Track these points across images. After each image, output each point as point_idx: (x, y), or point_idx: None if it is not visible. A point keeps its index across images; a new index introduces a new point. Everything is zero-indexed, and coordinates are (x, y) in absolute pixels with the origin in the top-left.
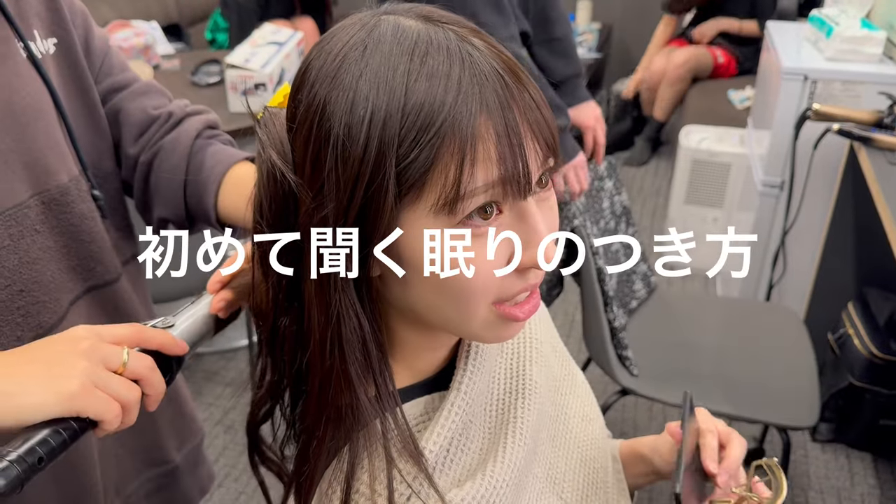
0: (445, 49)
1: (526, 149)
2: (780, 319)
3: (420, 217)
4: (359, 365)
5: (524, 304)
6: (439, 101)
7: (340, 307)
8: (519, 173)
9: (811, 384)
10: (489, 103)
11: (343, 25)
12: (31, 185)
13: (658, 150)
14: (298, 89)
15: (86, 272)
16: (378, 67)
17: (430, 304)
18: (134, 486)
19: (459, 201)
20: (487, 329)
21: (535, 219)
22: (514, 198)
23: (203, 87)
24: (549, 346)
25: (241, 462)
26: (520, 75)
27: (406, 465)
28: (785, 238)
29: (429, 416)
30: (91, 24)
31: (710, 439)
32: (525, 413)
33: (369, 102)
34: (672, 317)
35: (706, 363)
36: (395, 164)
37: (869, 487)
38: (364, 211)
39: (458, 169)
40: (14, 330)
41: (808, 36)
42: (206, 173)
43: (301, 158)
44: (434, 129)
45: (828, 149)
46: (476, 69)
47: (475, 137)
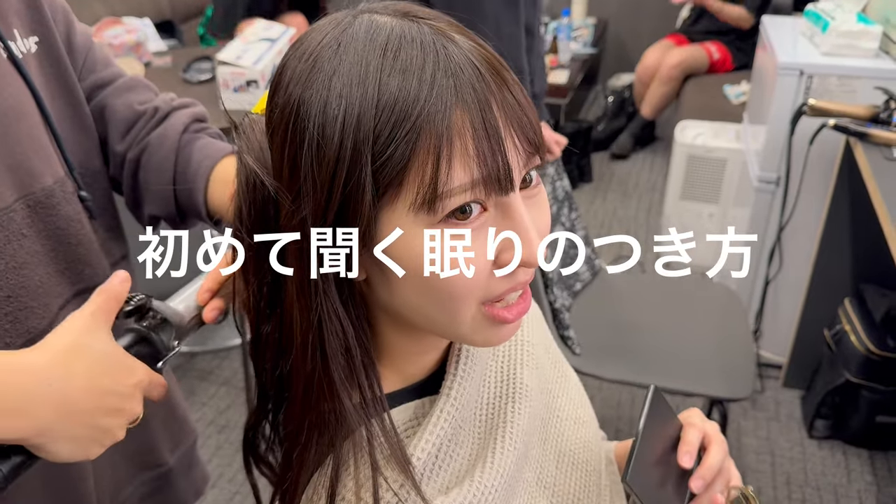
0: (419, 43)
1: (506, 145)
2: (716, 294)
3: (399, 217)
4: (342, 370)
5: (513, 307)
6: (413, 96)
7: (322, 311)
8: (499, 170)
9: (747, 357)
10: (465, 97)
11: (318, 25)
12: (15, 188)
13: (646, 146)
14: (275, 91)
15: (74, 275)
16: (350, 65)
17: (415, 306)
18: (128, 491)
19: (438, 200)
20: (476, 332)
21: (521, 215)
22: (497, 194)
23: (194, 84)
24: (542, 348)
25: (235, 462)
26: (501, 72)
27: (393, 473)
28: (781, 234)
29: (418, 421)
30: (72, 21)
31: (692, 434)
32: (516, 417)
33: (342, 100)
34: (614, 297)
35: (646, 340)
36: (370, 162)
37: (866, 484)
38: (342, 212)
39: (435, 165)
40: (2, 336)
41: (804, 31)
42: (195, 168)
43: (278, 161)
44: (409, 125)
45: (824, 144)
46: (451, 62)
47: (451, 131)
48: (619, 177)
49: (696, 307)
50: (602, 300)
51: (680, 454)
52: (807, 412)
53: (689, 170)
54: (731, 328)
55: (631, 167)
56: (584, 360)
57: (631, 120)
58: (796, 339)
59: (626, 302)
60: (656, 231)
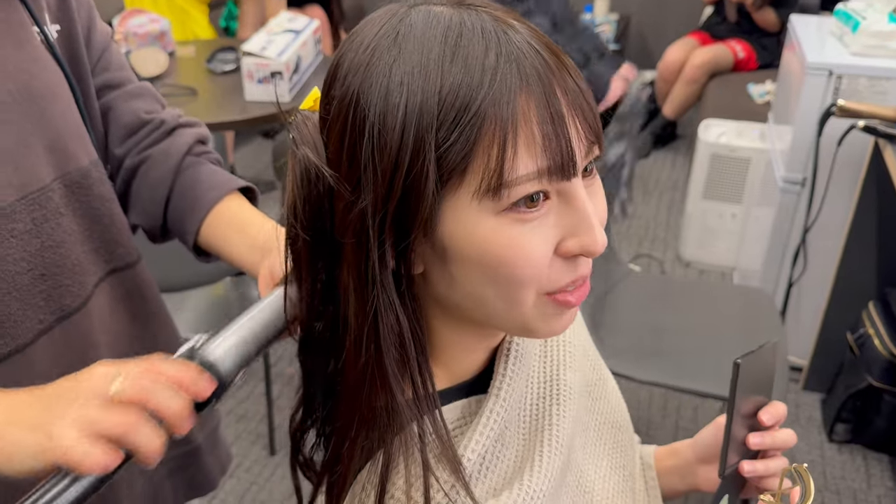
0: (480, 30)
1: (570, 130)
2: (751, 299)
3: (464, 206)
4: (396, 363)
5: (575, 291)
6: (476, 82)
7: (379, 303)
8: (563, 156)
9: (779, 361)
10: (529, 80)
11: (372, 17)
12: (53, 168)
13: (667, 144)
14: (331, 85)
15: (108, 254)
16: (411, 54)
17: (476, 298)
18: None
19: (504, 187)
20: (539, 320)
21: (584, 204)
22: (559, 181)
23: (219, 75)
24: (582, 350)
25: (252, 452)
26: (561, 57)
27: (443, 473)
28: (806, 236)
29: (465, 420)
30: (95, 17)
31: (776, 407)
32: (560, 420)
33: (404, 89)
34: (640, 298)
35: (673, 341)
36: (434, 149)
37: (886, 490)
38: (404, 201)
39: (501, 150)
40: (36, 313)
41: (834, 30)
42: (197, 195)
43: (336, 154)
44: (473, 110)
45: (852, 146)
46: (513, 47)
47: (516, 115)
48: (639, 174)
49: (727, 310)
50: (627, 300)
51: (761, 415)
52: (827, 416)
53: (713, 169)
54: (762, 331)
55: (652, 165)
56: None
57: (653, 118)
58: (818, 341)
59: (653, 302)
60: (677, 230)
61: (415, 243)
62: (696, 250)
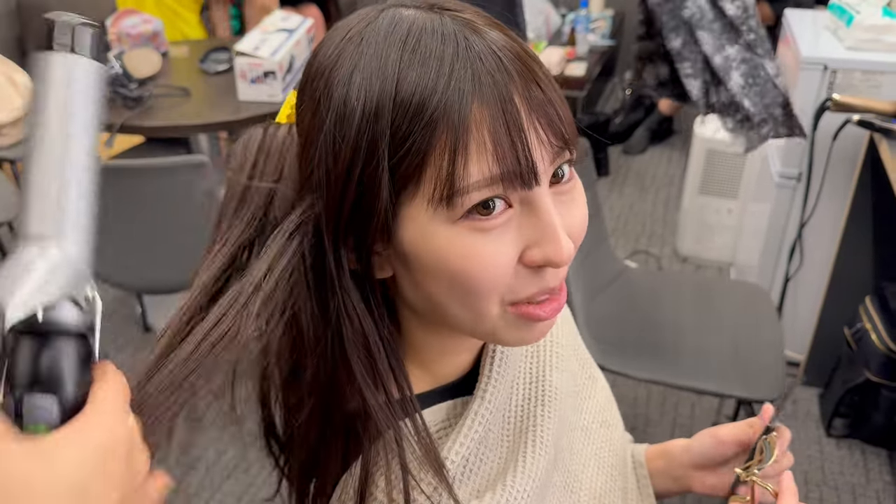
0: (440, 34)
1: (529, 140)
2: (748, 294)
3: (420, 214)
4: (364, 369)
5: (546, 304)
6: (431, 87)
7: (340, 308)
8: (520, 166)
9: (776, 357)
10: (483, 87)
11: (347, 20)
12: None
13: (663, 140)
14: (302, 88)
15: None
16: (370, 58)
17: (440, 304)
18: None
19: (457, 195)
20: (506, 331)
21: (548, 213)
22: (521, 190)
23: (212, 75)
24: (571, 349)
25: (250, 453)
26: (530, 66)
27: (426, 476)
28: (802, 231)
29: (450, 423)
30: None
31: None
32: (546, 421)
33: (362, 93)
34: (636, 293)
35: (672, 338)
36: (388, 157)
37: (884, 484)
38: (358, 207)
39: (451, 159)
40: None
41: (828, 24)
42: None
43: (299, 156)
44: (426, 118)
45: (847, 140)
46: (471, 52)
47: (467, 122)
48: (635, 170)
49: (724, 305)
50: (623, 296)
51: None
52: (825, 410)
53: (709, 164)
54: (760, 327)
55: (648, 161)
56: (606, 357)
57: (649, 114)
58: (815, 336)
59: (649, 298)
60: (674, 226)
61: (377, 248)
62: (693, 246)
